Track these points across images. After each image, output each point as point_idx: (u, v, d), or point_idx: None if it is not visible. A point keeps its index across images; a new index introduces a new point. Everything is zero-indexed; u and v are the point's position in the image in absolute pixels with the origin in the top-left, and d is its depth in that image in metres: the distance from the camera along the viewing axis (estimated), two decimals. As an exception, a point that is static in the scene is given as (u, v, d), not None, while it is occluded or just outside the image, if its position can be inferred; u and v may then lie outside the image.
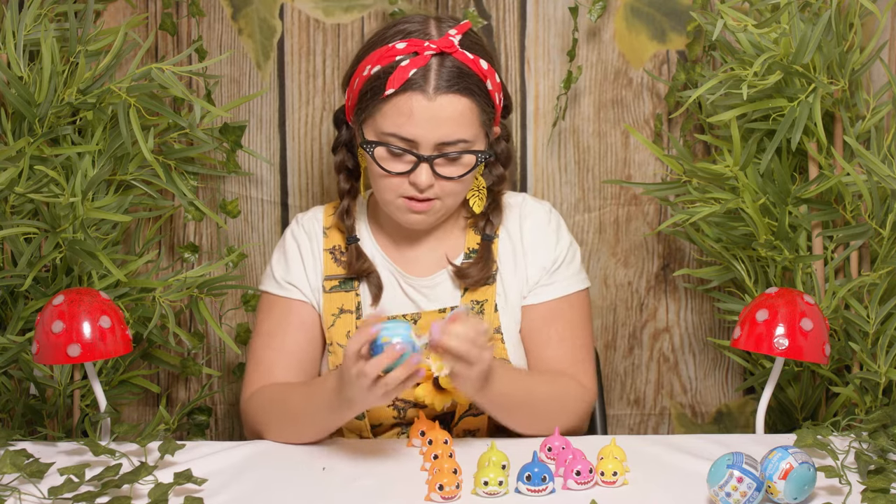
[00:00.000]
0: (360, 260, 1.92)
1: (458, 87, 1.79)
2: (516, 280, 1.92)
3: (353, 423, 1.87)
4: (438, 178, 1.81)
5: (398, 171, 1.81)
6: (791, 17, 1.92)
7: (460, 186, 1.85)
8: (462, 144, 1.81)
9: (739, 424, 2.35)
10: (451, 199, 1.86)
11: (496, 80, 1.85)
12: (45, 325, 1.80)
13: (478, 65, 1.81)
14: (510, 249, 1.93)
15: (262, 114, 2.28)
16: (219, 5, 2.25)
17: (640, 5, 2.24)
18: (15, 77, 1.94)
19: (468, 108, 1.80)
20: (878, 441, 1.70)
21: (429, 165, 1.80)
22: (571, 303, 1.93)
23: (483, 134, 1.84)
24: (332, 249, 1.95)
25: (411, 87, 1.78)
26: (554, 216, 1.96)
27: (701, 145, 2.25)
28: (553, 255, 1.92)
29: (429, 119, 1.78)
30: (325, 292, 1.92)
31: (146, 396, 2.34)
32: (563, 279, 1.93)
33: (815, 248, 2.04)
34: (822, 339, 1.83)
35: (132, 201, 2.06)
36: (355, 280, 1.92)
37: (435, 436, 1.72)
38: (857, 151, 1.92)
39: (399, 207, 1.85)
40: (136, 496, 1.58)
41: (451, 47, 1.80)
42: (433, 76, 1.78)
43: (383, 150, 1.81)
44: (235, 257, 2.24)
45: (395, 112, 1.79)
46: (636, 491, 1.61)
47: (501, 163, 1.95)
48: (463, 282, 1.90)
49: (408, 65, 1.78)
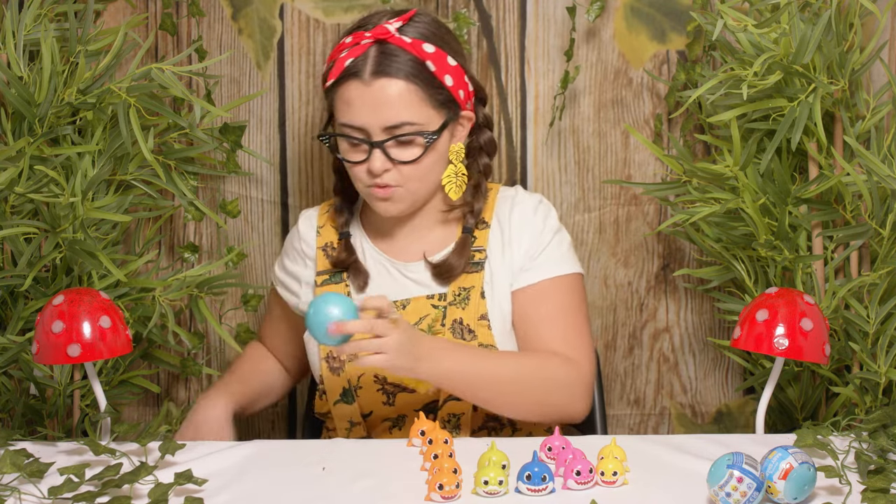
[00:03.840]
0: (346, 253, 1.97)
1: (392, 70, 1.83)
2: (503, 267, 1.93)
3: (343, 409, 1.89)
4: (395, 164, 1.85)
5: (356, 160, 1.87)
6: (791, 17, 1.92)
7: (420, 171, 1.87)
8: (408, 127, 1.84)
9: (739, 424, 2.35)
10: (415, 183, 1.88)
11: (447, 62, 1.87)
12: (45, 325, 1.80)
13: (417, 48, 1.85)
14: (499, 237, 1.95)
15: (262, 114, 2.29)
16: (219, 5, 2.25)
17: (640, 5, 2.24)
18: (15, 77, 1.94)
19: (406, 90, 1.84)
20: (878, 441, 1.70)
21: (380, 151, 1.84)
22: (558, 285, 1.93)
23: (436, 117, 1.87)
24: (325, 247, 2.00)
25: (349, 75, 1.85)
26: (543, 206, 1.97)
27: (701, 145, 2.25)
28: (538, 241, 1.93)
29: (369, 104, 1.83)
30: (317, 286, 1.97)
31: (146, 396, 2.34)
32: (549, 262, 1.93)
33: (815, 248, 2.04)
34: (822, 339, 1.83)
35: (132, 201, 2.06)
36: (343, 272, 1.97)
37: (435, 436, 1.72)
38: (857, 151, 1.92)
39: (368, 195, 1.91)
40: (136, 496, 1.58)
41: (386, 34, 1.85)
42: (370, 62, 1.84)
43: (341, 140, 1.88)
44: (235, 257, 2.24)
45: (340, 102, 1.87)
46: (636, 491, 1.61)
47: (486, 152, 1.99)
48: (443, 277, 1.92)
49: (346, 55, 1.85)
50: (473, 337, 1.89)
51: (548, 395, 1.86)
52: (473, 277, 1.92)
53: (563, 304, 1.92)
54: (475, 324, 1.90)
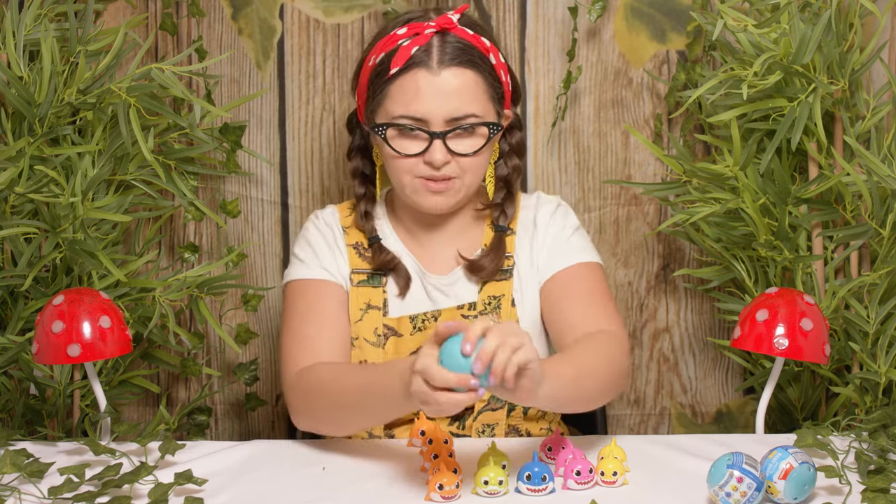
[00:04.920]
0: (385, 254, 1.91)
1: (460, 60, 1.80)
2: (531, 269, 1.92)
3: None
4: (454, 155, 1.82)
5: (412, 153, 1.82)
6: (791, 17, 1.92)
7: (477, 163, 1.85)
8: (472, 118, 1.81)
9: (739, 424, 2.35)
10: (470, 176, 1.85)
11: (500, 58, 1.87)
12: (45, 325, 1.80)
13: (479, 40, 1.83)
14: (527, 243, 1.94)
15: (262, 114, 2.28)
16: (219, 5, 2.25)
17: (640, 5, 2.24)
18: (15, 77, 1.94)
19: (473, 81, 1.81)
20: (878, 441, 1.70)
21: (442, 142, 1.80)
22: (584, 271, 1.91)
23: (493, 110, 1.85)
24: (356, 245, 1.94)
25: (415, 64, 1.80)
26: (563, 207, 1.97)
27: (701, 145, 2.25)
28: (561, 236, 1.93)
29: (435, 94, 1.79)
30: (353, 286, 1.92)
31: (146, 396, 2.34)
32: (574, 250, 1.92)
33: (815, 248, 2.04)
34: (822, 339, 1.83)
35: (132, 201, 2.06)
36: (382, 276, 1.92)
37: (435, 436, 1.72)
38: (857, 151, 1.92)
39: (416, 190, 1.84)
40: (136, 496, 1.58)
41: (450, 24, 1.82)
42: (435, 52, 1.80)
43: (395, 130, 1.82)
44: (235, 257, 2.24)
45: (401, 92, 1.80)
46: (636, 491, 1.61)
47: (517, 153, 1.96)
48: (476, 276, 1.90)
49: (409, 44, 1.81)
50: None
51: (607, 379, 1.77)
52: (503, 285, 1.91)
53: (591, 286, 1.90)
54: None
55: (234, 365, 2.32)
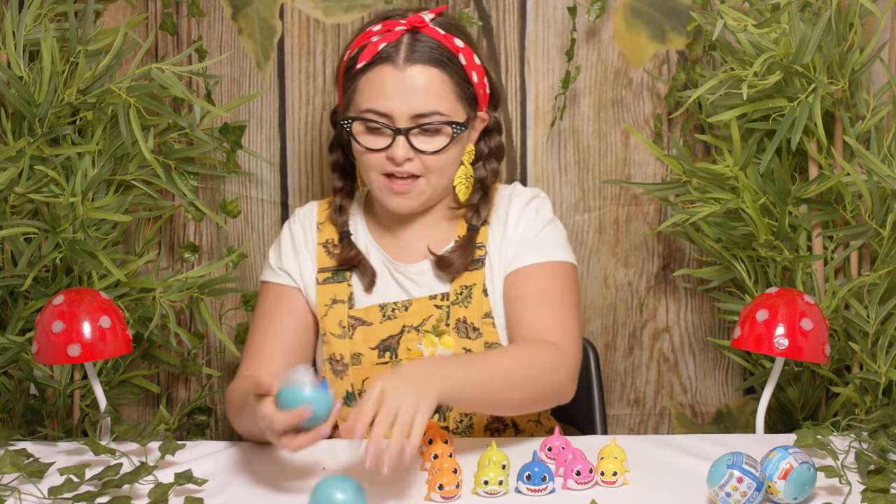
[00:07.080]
0: (350, 251, 1.94)
1: (428, 58, 1.83)
2: (501, 260, 1.93)
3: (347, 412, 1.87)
4: (417, 153, 1.84)
5: (377, 147, 1.84)
6: (791, 17, 1.92)
7: (443, 162, 1.86)
8: (437, 116, 1.83)
9: (739, 424, 2.35)
10: (436, 176, 1.87)
11: (474, 60, 1.88)
12: (45, 325, 1.80)
13: (450, 41, 1.85)
14: (499, 233, 1.94)
15: (262, 114, 2.29)
16: (219, 5, 2.25)
17: (640, 5, 2.24)
18: (15, 77, 1.94)
19: (439, 79, 1.83)
20: (878, 441, 1.70)
21: (405, 138, 1.83)
22: (548, 270, 1.90)
23: (461, 110, 1.86)
24: (326, 243, 1.98)
25: (381, 59, 1.83)
26: (538, 199, 1.96)
27: (701, 145, 2.25)
28: (531, 229, 1.93)
29: (401, 90, 1.81)
30: (319, 284, 1.95)
31: (146, 396, 2.34)
32: (540, 247, 1.91)
33: (815, 248, 2.04)
34: (822, 339, 1.83)
35: (132, 201, 2.06)
36: (347, 271, 1.95)
37: (435, 436, 1.72)
38: (857, 151, 1.92)
39: (381, 189, 1.87)
40: (136, 496, 1.58)
41: (422, 22, 1.84)
42: (403, 49, 1.83)
43: (361, 125, 1.85)
44: (235, 257, 2.24)
45: (368, 86, 1.83)
46: (636, 491, 1.61)
47: (495, 157, 1.98)
48: (445, 272, 1.91)
49: (378, 40, 1.84)
50: (479, 335, 1.89)
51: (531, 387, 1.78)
52: (475, 275, 1.92)
53: (552, 288, 1.90)
54: (479, 322, 1.89)
55: (234, 365, 2.32)
